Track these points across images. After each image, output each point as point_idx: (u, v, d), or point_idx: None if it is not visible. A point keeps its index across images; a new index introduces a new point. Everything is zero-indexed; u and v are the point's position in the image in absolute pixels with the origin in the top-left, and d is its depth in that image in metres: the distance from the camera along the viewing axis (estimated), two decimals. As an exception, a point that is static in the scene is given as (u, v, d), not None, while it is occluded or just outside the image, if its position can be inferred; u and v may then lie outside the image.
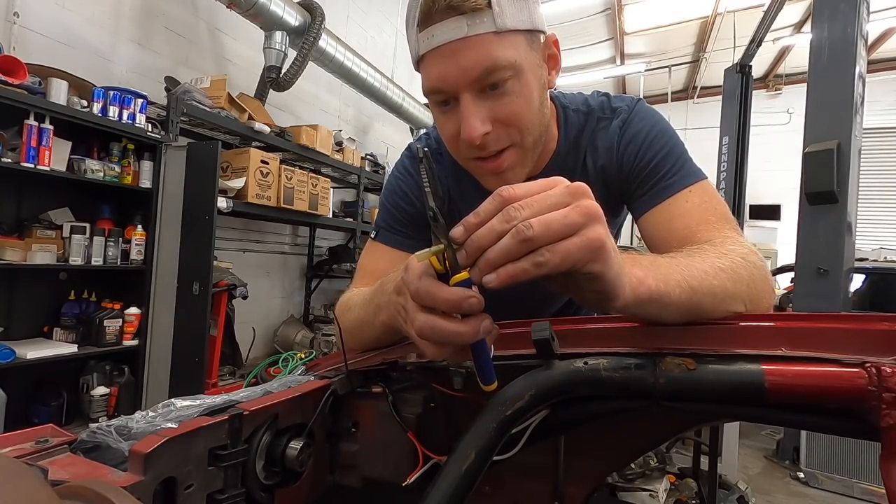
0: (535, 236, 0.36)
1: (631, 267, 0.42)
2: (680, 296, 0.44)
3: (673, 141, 0.76)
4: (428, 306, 0.41)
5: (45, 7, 2.56)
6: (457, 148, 0.70)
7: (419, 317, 0.42)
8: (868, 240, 6.75)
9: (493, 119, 0.65)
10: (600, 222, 0.38)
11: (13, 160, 2.14)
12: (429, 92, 0.67)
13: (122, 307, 2.60)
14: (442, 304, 0.40)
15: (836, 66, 3.12)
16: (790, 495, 2.87)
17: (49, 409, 2.37)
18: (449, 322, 0.40)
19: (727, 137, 5.00)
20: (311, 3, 3.68)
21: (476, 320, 0.40)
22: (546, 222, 0.36)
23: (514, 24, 0.62)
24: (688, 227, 0.67)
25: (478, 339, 0.41)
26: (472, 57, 0.61)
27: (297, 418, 0.55)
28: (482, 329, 0.40)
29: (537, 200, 0.38)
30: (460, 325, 0.40)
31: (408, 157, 0.91)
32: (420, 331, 0.42)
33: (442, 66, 0.63)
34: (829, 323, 0.41)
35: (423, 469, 0.53)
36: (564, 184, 0.40)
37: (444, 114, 0.68)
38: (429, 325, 0.41)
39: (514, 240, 0.36)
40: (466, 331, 0.40)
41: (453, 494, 0.38)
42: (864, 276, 4.18)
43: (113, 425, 0.46)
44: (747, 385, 0.38)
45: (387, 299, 0.56)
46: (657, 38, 7.06)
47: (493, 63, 0.61)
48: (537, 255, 0.36)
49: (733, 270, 0.51)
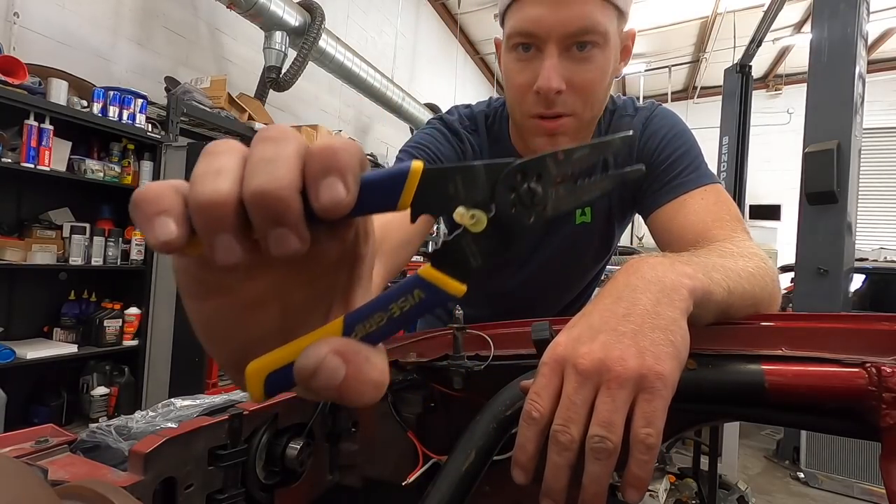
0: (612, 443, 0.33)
1: (682, 265, 0.41)
2: (720, 295, 0.42)
3: (691, 142, 0.78)
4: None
5: (45, 7, 2.56)
6: (523, 99, 0.71)
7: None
8: (868, 240, 6.74)
9: (569, 81, 0.67)
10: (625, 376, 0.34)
11: (13, 160, 2.14)
12: (517, 34, 0.68)
13: (122, 307, 2.60)
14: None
15: (836, 66, 3.12)
16: (790, 495, 2.87)
17: (49, 409, 2.37)
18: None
19: (727, 137, 5.00)
20: (311, 3, 3.68)
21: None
22: (607, 424, 0.33)
23: (618, 0, 0.65)
24: (703, 223, 0.67)
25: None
26: (574, 11, 0.63)
27: (297, 418, 0.55)
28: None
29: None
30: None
31: (441, 124, 0.84)
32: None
33: (541, 11, 0.65)
34: (829, 323, 0.41)
35: (423, 469, 0.53)
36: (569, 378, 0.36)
37: (521, 61, 0.69)
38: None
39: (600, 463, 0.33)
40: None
41: (453, 494, 0.38)
42: (864, 276, 4.18)
43: (113, 425, 0.46)
44: (747, 385, 0.38)
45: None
46: (657, 38, 7.06)
47: (591, 23, 0.64)
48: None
49: (759, 275, 0.50)
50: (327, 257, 0.24)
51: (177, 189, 0.20)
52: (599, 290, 0.43)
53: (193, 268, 0.23)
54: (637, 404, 0.33)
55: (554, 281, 0.95)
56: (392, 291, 0.23)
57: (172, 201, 0.20)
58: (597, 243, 0.90)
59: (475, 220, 0.23)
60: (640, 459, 0.32)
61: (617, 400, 0.33)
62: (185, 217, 0.20)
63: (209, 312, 0.25)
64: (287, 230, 0.20)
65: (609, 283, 0.41)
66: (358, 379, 0.21)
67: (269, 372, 0.23)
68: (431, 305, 0.23)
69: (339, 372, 0.21)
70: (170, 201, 0.20)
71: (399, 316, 0.23)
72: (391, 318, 0.23)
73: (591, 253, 0.92)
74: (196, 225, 0.20)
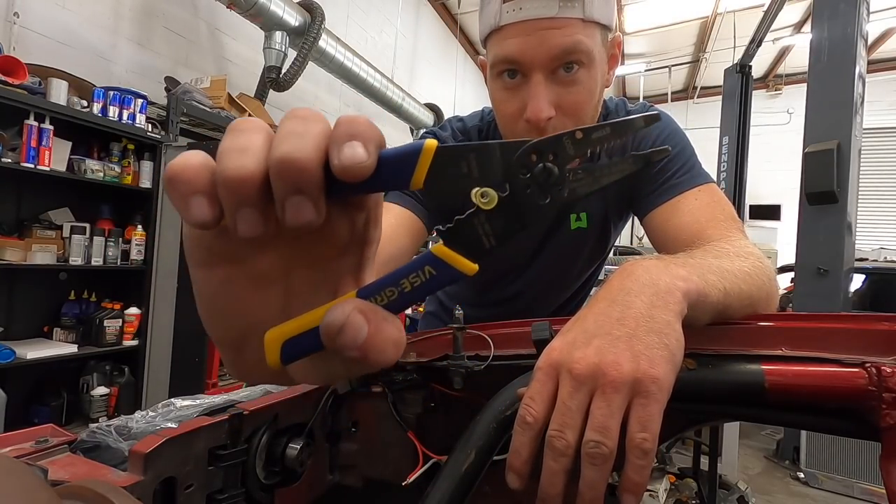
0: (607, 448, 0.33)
1: (676, 268, 0.41)
2: (715, 296, 0.42)
3: (684, 142, 0.78)
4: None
5: (45, 7, 2.56)
6: (514, 126, 0.71)
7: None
8: (868, 240, 6.75)
9: (558, 105, 0.66)
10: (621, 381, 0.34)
11: (13, 160, 2.14)
12: (501, 62, 0.67)
13: (122, 307, 2.60)
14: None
15: (836, 66, 3.12)
16: (790, 495, 2.87)
17: (49, 409, 2.37)
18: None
19: (727, 137, 5.00)
20: (311, 4, 3.68)
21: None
22: (603, 429, 0.33)
23: (599, 16, 0.64)
24: (698, 223, 0.67)
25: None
26: (556, 36, 0.63)
27: (297, 418, 0.55)
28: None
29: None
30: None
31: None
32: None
33: (524, 39, 0.64)
34: (829, 323, 0.41)
35: (423, 469, 0.53)
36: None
37: (508, 90, 0.69)
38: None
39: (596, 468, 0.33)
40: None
41: (453, 494, 0.38)
42: (864, 276, 4.18)
43: (113, 425, 0.46)
44: (747, 385, 0.38)
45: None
46: (657, 38, 7.06)
47: (574, 45, 0.63)
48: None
49: (756, 275, 0.50)
50: (337, 237, 0.25)
51: (208, 166, 0.21)
52: (594, 294, 0.43)
53: (208, 237, 0.23)
54: (632, 409, 0.33)
55: (552, 284, 0.97)
56: (404, 267, 0.23)
57: (206, 181, 0.21)
58: (594, 246, 0.91)
59: (487, 198, 0.23)
60: (636, 464, 0.32)
61: (612, 404, 0.32)
62: (216, 195, 0.21)
63: (216, 283, 0.25)
64: (305, 198, 0.20)
65: (603, 286, 0.41)
66: (380, 336, 0.22)
67: (285, 339, 0.23)
68: (442, 282, 0.23)
69: (363, 329, 0.21)
70: (203, 181, 0.21)
71: (410, 291, 0.23)
72: (402, 293, 0.23)
73: (588, 255, 0.93)
74: (222, 198, 0.21)
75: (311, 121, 0.22)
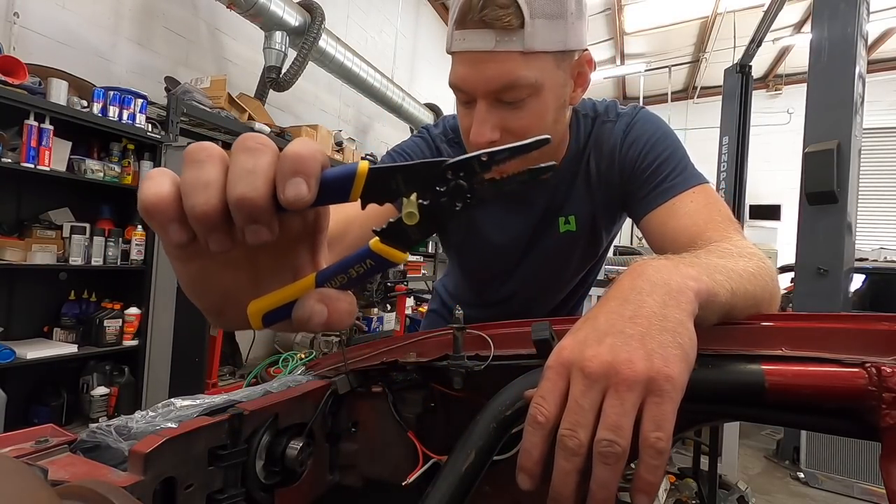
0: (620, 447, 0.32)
1: (686, 267, 0.40)
2: (724, 296, 0.42)
3: (675, 145, 0.77)
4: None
5: (45, 7, 2.56)
6: (468, 143, 0.72)
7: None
8: (868, 240, 6.74)
9: (503, 129, 0.67)
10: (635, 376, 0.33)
11: (13, 160, 2.14)
12: (452, 86, 0.70)
13: (122, 307, 2.60)
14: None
15: (836, 66, 3.12)
16: (790, 495, 2.87)
17: (49, 409, 2.37)
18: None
19: (727, 137, 4.99)
20: (311, 4, 3.68)
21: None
22: (615, 427, 0.32)
23: (544, 46, 0.63)
24: (696, 225, 0.67)
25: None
26: (493, 70, 0.63)
27: (297, 418, 0.55)
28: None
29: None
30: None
31: (426, 135, 0.90)
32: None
33: (465, 70, 0.66)
34: (829, 323, 0.41)
35: (423, 469, 0.53)
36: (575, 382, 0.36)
37: (465, 107, 0.71)
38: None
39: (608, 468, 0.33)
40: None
41: (453, 494, 0.38)
42: (864, 276, 4.18)
43: (113, 425, 0.46)
44: (747, 385, 0.38)
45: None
46: (657, 38, 7.06)
47: (511, 81, 0.63)
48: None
49: (760, 275, 0.50)
50: (292, 231, 0.30)
51: (177, 195, 0.26)
52: (603, 294, 0.42)
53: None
54: (646, 407, 0.32)
55: (545, 285, 0.98)
56: (351, 258, 0.30)
57: (178, 210, 0.26)
58: (584, 248, 0.91)
59: (411, 216, 0.29)
60: (650, 464, 0.32)
61: (626, 403, 0.32)
62: (188, 222, 0.26)
63: (193, 272, 0.30)
64: (260, 225, 0.26)
65: (613, 286, 0.41)
66: (336, 314, 0.29)
67: (265, 311, 0.30)
68: (380, 269, 0.30)
69: (324, 313, 0.29)
70: (176, 211, 0.26)
71: (356, 277, 0.30)
72: (350, 278, 0.30)
73: (580, 257, 0.93)
74: (194, 227, 0.26)
75: (260, 154, 0.26)
